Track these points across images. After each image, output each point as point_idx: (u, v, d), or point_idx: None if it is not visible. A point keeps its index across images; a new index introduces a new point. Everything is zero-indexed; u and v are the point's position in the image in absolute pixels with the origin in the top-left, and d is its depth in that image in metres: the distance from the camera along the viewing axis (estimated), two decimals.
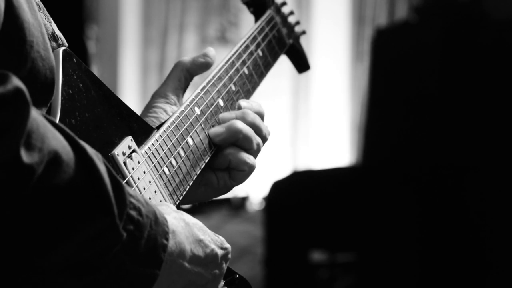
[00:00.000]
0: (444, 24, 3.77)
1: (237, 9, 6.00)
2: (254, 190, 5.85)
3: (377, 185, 3.85)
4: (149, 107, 1.22)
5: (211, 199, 1.28)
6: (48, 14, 1.08)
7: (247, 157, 1.23)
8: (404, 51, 3.90)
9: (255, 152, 1.25)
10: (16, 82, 0.78)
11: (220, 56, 1.31)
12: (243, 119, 1.24)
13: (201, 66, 1.27)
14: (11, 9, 0.90)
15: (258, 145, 1.25)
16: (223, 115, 1.25)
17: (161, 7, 6.36)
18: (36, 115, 0.81)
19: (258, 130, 1.25)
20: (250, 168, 1.24)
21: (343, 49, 5.89)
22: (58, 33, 1.08)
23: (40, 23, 0.97)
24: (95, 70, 5.61)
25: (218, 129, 1.23)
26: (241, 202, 5.85)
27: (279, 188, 4.06)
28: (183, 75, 1.26)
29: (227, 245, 1.09)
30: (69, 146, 0.85)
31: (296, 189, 4.03)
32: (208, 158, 1.21)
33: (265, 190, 4.29)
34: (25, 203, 0.80)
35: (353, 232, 3.93)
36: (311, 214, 3.96)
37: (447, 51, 3.73)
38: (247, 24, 5.63)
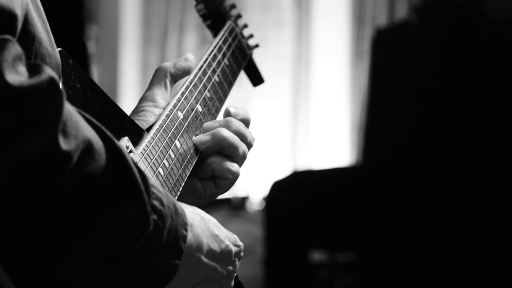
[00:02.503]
0: (444, 24, 3.77)
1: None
2: (254, 190, 5.85)
3: (377, 185, 3.85)
4: (137, 111, 1.23)
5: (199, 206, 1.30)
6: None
7: (231, 165, 1.24)
8: (404, 51, 3.90)
9: (240, 159, 1.26)
10: (49, 71, 0.80)
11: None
12: (228, 127, 1.25)
13: (183, 70, 1.28)
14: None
15: (243, 152, 1.25)
16: (207, 124, 1.27)
17: (161, 7, 6.37)
18: (67, 104, 0.83)
19: (243, 137, 1.26)
20: (234, 176, 1.25)
21: (343, 49, 5.90)
22: None
23: (44, 20, 0.99)
24: (95, 70, 5.62)
25: (203, 137, 1.23)
26: (241, 202, 5.85)
27: (279, 188, 4.06)
28: (168, 79, 1.27)
29: (240, 243, 1.11)
30: (98, 135, 0.86)
31: (296, 189, 4.03)
32: (195, 161, 1.22)
33: (265, 190, 4.29)
34: (61, 191, 0.82)
35: (353, 232, 3.93)
36: (311, 214, 3.97)
37: (447, 51, 3.73)
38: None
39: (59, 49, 1.03)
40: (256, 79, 1.56)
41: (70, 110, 0.83)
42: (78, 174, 0.82)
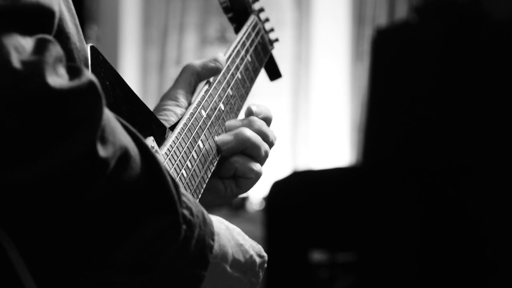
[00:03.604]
0: (444, 24, 3.77)
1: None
2: (254, 190, 5.84)
3: (377, 185, 3.85)
4: (159, 109, 1.21)
5: (216, 206, 1.28)
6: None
7: (254, 165, 1.22)
8: (404, 51, 3.90)
9: (262, 159, 1.24)
10: (88, 75, 0.78)
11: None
12: (250, 126, 1.23)
13: (211, 71, 1.25)
14: None
15: (266, 151, 1.24)
16: (230, 123, 1.24)
17: (161, 7, 6.36)
18: (106, 109, 0.81)
19: (265, 137, 1.24)
20: (257, 176, 1.23)
21: (343, 49, 5.89)
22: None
23: (73, 14, 0.97)
24: None
25: (226, 137, 1.21)
26: (241, 202, 5.85)
27: (279, 188, 4.06)
28: (193, 78, 1.24)
29: (265, 254, 1.08)
30: (133, 142, 0.85)
31: (296, 189, 4.03)
32: (216, 162, 1.20)
33: (265, 190, 4.29)
34: (97, 198, 0.80)
35: (353, 232, 3.93)
36: (311, 214, 3.96)
37: (447, 51, 3.73)
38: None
39: (90, 44, 1.01)
40: (274, 73, 1.54)
41: (108, 115, 0.81)
42: (114, 182, 0.80)
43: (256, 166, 1.22)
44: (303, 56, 6.04)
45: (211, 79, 1.25)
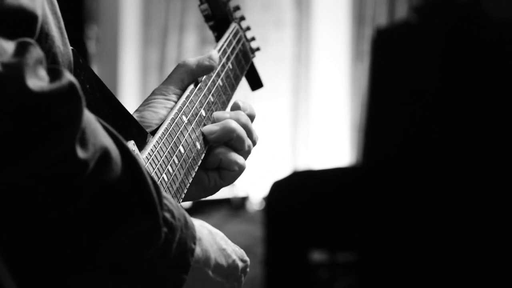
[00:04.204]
0: (444, 24, 3.77)
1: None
2: (254, 190, 5.85)
3: (377, 185, 3.85)
4: (148, 102, 1.22)
5: (200, 199, 1.29)
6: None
7: (238, 157, 1.24)
8: (404, 51, 3.90)
9: (245, 154, 1.26)
10: (69, 76, 0.78)
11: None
12: (237, 119, 1.25)
13: (205, 69, 1.27)
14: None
15: (249, 146, 1.26)
16: (217, 113, 1.26)
17: (161, 7, 6.36)
18: (87, 110, 0.81)
19: (249, 133, 1.26)
20: (240, 168, 1.25)
21: (343, 49, 5.89)
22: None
23: (58, 17, 0.97)
24: (95, 70, 5.61)
25: (212, 127, 1.23)
26: (241, 202, 5.85)
27: (279, 188, 4.06)
28: (187, 76, 1.25)
29: (247, 258, 1.09)
30: (114, 144, 0.85)
31: (296, 189, 4.03)
32: (197, 168, 1.21)
33: (265, 190, 4.29)
34: (77, 199, 0.80)
35: (353, 232, 3.93)
36: (311, 214, 3.96)
37: (447, 51, 3.73)
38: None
39: (71, 47, 1.01)
40: (255, 83, 1.54)
41: (89, 117, 0.81)
42: (93, 183, 0.81)
43: (239, 159, 1.24)
44: (303, 56, 6.05)
45: (192, 85, 1.26)
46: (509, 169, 3.58)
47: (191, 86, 1.26)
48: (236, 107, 1.27)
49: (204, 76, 1.29)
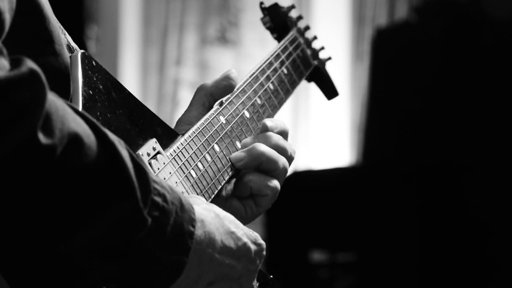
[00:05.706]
0: (444, 24, 3.77)
1: (237, 9, 6.00)
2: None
3: (377, 185, 3.85)
4: None
5: None
6: (62, 27, 1.09)
7: (269, 180, 1.22)
8: (404, 51, 3.90)
9: (280, 174, 1.24)
10: (30, 64, 0.79)
11: (220, 57, 1.31)
12: (266, 142, 1.23)
13: (225, 89, 1.26)
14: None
15: (283, 165, 1.23)
16: (245, 140, 1.25)
17: (161, 7, 6.36)
18: (54, 98, 0.81)
19: (282, 151, 1.24)
20: (273, 191, 1.23)
21: (343, 49, 5.89)
22: (73, 44, 1.10)
23: (55, 20, 0.99)
24: None
25: (239, 154, 1.22)
26: None
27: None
28: (207, 99, 1.26)
29: (262, 242, 1.08)
30: (90, 130, 0.85)
31: (296, 189, 4.03)
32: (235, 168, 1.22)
33: None
34: (46, 186, 0.80)
35: (353, 232, 3.93)
36: (311, 214, 3.96)
37: (447, 51, 3.73)
38: (247, 24, 5.62)
39: (82, 50, 1.02)
40: (330, 92, 1.57)
41: (57, 104, 0.82)
42: (65, 168, 0.81)
43: (271, 182, 1.23)
44: None
45: (235, 88, 1.27)
46: (509, 168, 3.58)
47: (238, 87, 1.27)
48: (264, 129, 1.26)
49: (250, 80, 1.30)
